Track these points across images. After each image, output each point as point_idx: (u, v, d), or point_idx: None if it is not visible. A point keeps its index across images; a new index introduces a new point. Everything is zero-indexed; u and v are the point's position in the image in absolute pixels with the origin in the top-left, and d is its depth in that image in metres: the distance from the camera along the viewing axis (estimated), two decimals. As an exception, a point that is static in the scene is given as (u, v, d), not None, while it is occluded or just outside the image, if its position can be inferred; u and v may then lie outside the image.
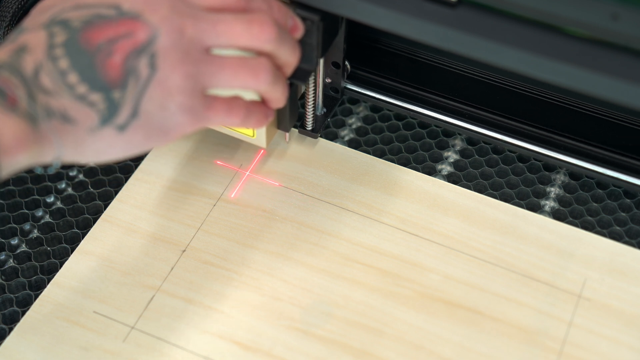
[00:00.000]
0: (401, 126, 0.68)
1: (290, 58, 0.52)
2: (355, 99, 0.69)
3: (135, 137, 0.47)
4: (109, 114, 0.46)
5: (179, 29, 0.47)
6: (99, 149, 0.47)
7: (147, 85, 0.46)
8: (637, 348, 0.55)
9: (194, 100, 0.47)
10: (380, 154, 0.66)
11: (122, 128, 0.46)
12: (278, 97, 0.53)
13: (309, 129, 0.65)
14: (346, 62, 0.64)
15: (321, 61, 0.62)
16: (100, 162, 0.48)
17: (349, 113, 0.69)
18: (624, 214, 0.63)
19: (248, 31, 0.49)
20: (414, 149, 0.67)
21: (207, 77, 0.48)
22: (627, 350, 0.55)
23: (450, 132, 0.67)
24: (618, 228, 0.62)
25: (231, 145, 0.65)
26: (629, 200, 0.63)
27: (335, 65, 0.64)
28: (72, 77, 0.45)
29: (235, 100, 0.50)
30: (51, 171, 0.47)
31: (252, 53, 0.50)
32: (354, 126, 0.68)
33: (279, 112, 0.61)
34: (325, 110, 0.66)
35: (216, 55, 0.48)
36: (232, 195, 0.63)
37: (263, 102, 0.54)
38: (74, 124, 0.45)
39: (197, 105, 0.48)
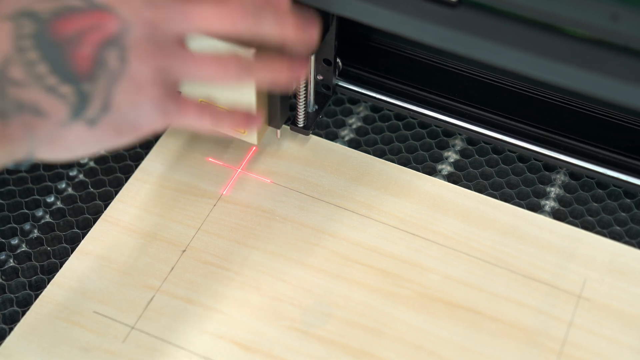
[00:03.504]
0: (401, 126, 0.68)
1: (276, 30, 0.49)
2: (356, 99, 0.69)
3: (106, 131, 0.46)
4: (79, 107, 0.45)
5: (151, 22, 0.46)
6: (70, 144, 0.46)
7: (117, 78, 0.45)
8: (637, 348, 0.55)
9: (166, 96, 0.47)
10: (380, 154, 0.66)
11: (92, 122, 0.45)
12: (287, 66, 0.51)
13: (301, 125, 0.65)
14: (337, 59, 0.64)
15: (312, 58, 0.62)
16: (71, 159, 0.47)
17: (349, 113, 0.69)
18: (624, 214, 0.63)
19: (218, 14, 0.48)
20: (414, 149, 0.67)
21: (178, 70, 0.47)
22: (627, 350, 0.55)
23: (450, 132, 0.67)
24: (618, 228, 0.62)
25: (233, 145, 0.66)
26: (629, 200, 0.63)
27: (327, 62, 0.64)
28: (42, 68, 0.44)
29: (207, 105, 0.50)
30: (23, 167, 0.47)
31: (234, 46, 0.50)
32: (354, 126, 0.68)
33: (270, 109, 0.61)
34: (317, 107, 0.66)
35: (187, 49, 0.48)
36: (224, 193, 0.63)
37: (235, 114, 0.53)
38: (46, 117, 0.44)
39: (168, 101, 0.47)
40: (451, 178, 0.65)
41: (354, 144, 0.67)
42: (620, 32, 0.49)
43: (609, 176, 0.62)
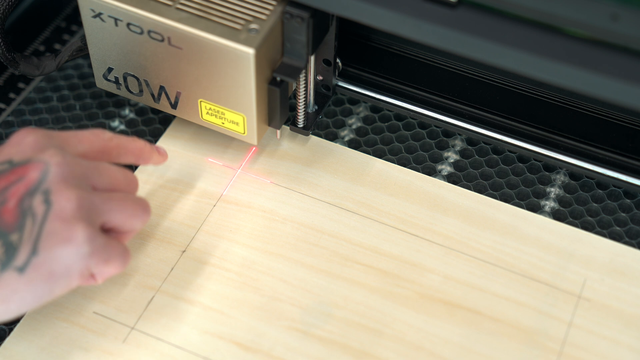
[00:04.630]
0: (401, 126, 0.68)
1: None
2: (356, 99, 0.69)
3: (37, 276, 0.47)
4: (7, 258, 0.46)
5: (69, 163, 0.48)
6: (3, 296, 0.47)
7: (45, 221, 0.46)
8: (637, 348, 0.55)
9: (93, 228, 0.48)
10: (380, 154, 0.66)
11: (22, 269, 0.46)
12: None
13: (300, 126, 0.65)
14: (337, 60, 0.64)
15: (312, 58, 0.62)
16: (8, 316, 0.48)
17: (349, 113, 0.69)
18: (624, 214, 0.63)
19: (125, 180, 0.52)
20: (414, 149, 0.67)
21: (98, 207, 0.49)
22: (627, 350, 0.55)
23: (450, 132, 0.67)
24: (618, 228, 0.62)
25: (233, 145, 0.66)
26: (629, 201, 0.63)
27: (327, 62, 0.64)
28: None
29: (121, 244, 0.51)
30: None
31: None
32: (354, 126, 0.68)
33: (270, 109, 0.61)
34: (316, 107, 0.66)
35: (102, 190, 0.50)
36: (224, 193, 0.63)
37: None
38: None
39: (96, 234, 0.48)
40: (451, 178, 0.65)
41: (354, 144, 0.67)
42: (620, 32, 0.49)
43: (609, 176, 0.62)
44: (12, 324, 0.57)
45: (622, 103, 0.50)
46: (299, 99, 0.63)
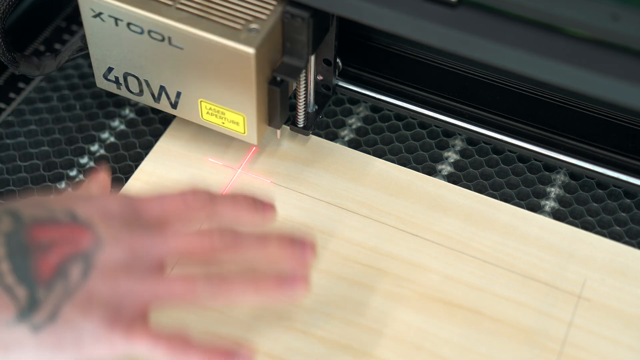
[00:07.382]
0: (401, 126, 0.68)
1: (256, 247, 0.50)
2: (356, 99, 0.69)
3: (46, 342, 0.45)
4: (28, 311, 0.45)
5: (130, 247, 0.46)
6: (7, 344, 0.45)
7: (74, 292, 0.45)
8: (637, 348, 0.55)
9: (115, 321, 0.46)
10: (380, 154, 0.66)
11: (36, 328, 0.45)
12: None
13: (300, 126, 0.65)
14: (337, 59, 0.64)
15: (312, 58, 0.62)
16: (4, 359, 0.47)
17: (349, 113, 0.69)
18: (624, 214, 0.63)
19: (197, 237, 0.49)
20: (414, 149, 0.67)
21: (142, 294, 0.46)
22: (627, 350, 0.55)
23: (450, 132, 0.67)
24: (618, 228, 0.62)
25: (233, 145, 0.66)
26: (629, 201, 0.63)
27: (327, 62, 0.64)
28: (4, 266, 0.44)
29: (173, 339, 0.48)
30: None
31: None
32: (354, 126, 0.68)
33: (270, 109, 0.61)
34: (317, 107, 0.66)
35: (162, 275, 0.47)
36: (225, 193, 0.63)
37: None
38: None
39: (116, 327, 0.46)
40: (451, 178, 0.65)
41: (354, 144, 0.67)
42: (620, 32, 0.49)
43: (609, 176, 0.62)
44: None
45: (622, 103, 0.50)
46: (299, 99, 0.63)
